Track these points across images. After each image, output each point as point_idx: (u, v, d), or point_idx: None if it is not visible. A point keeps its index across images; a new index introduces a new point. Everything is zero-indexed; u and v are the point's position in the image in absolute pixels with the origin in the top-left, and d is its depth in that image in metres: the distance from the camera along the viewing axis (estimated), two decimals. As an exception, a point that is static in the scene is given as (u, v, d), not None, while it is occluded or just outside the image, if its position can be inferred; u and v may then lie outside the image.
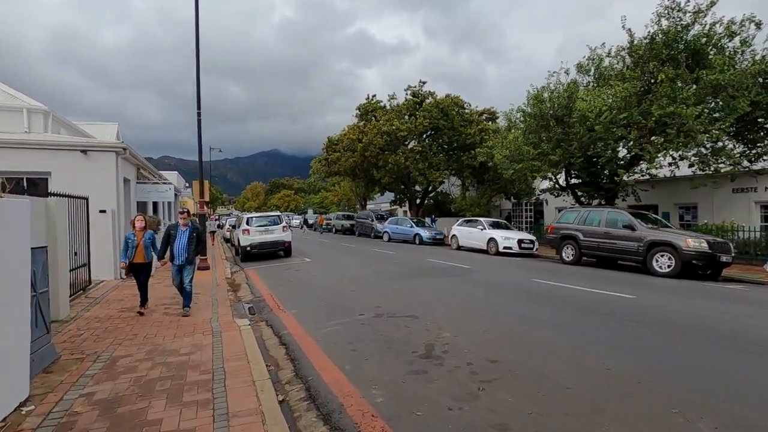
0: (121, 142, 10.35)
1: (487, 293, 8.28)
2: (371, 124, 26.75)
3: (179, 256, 7.03)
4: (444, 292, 8.33)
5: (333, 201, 60.69)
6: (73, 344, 5.28)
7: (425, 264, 12.95)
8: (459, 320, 6.18)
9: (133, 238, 6.91)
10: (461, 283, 9.48)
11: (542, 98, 17.96)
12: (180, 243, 7.04)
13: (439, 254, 16.13)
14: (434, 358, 4.59)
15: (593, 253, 12.85)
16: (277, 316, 6.97)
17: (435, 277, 10.31)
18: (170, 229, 7.18)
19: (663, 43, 14.51)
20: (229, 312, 7.45)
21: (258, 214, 17.21)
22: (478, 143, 25.31)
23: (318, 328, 6.05)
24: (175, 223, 7.32)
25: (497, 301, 7.59)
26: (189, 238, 7.08)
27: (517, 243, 16.14)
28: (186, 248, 7.05)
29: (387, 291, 8.62)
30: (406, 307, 7.09)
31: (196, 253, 7.33)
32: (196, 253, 7.31)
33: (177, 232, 7.10)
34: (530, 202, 27.41)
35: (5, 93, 12.33)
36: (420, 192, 30.54)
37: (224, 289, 9.87)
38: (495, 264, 13.14)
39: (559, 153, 16.77)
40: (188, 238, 7.08)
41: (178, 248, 7.02)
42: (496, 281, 9.68)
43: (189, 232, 7.11)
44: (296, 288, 9.53)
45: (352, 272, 11.51)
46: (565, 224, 13.94)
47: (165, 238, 7.11)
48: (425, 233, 20.94)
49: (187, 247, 7.06)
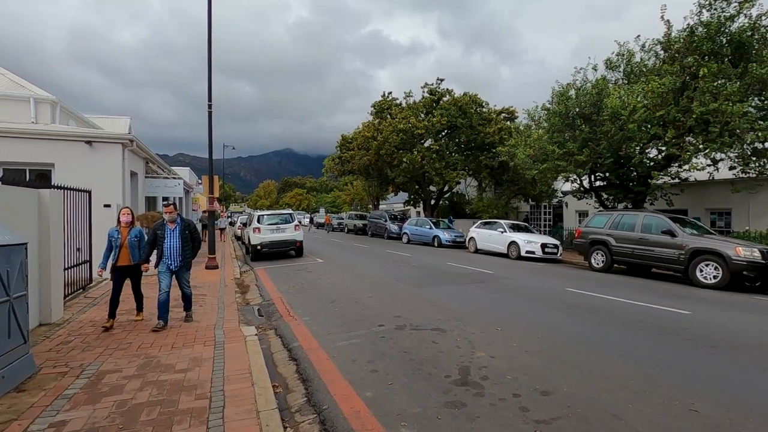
0: (128, 134, 9.83)
1: (519, 303, 7.50)
2: (387, 122, 26.04)
3: (170, 260, 5.88)
4: (471, 301, 7.57)
5: (345, 200, 60.18)
6: (58, 354, 4.68)
7: (445, 268, 12.19)
8: (493, 336, 5.43)
9: (116, 235, 5.79)
10: (488, 290, 8.71)
11: (568, 95, 17.07)
12: (170, 245, 5.89)
13: (458, 258, 15.34)
14: (472, 386, 3.86)
15: (626, 260, 11.92)
16: (287, 324, 6.31)
17: (458, 283, 9.55)
18: (156, 229, 5.93)
19: (704, 35, 13.50)
20: (236, 317, 6.83)
21: (269, 212, 16.65)
22: (498, 143, 24.45)
23: (333, 340, 5.36)
24: (161, 220, 6.05)
25: (532, 313, 6.80)
26: (181, 238, 5.95)
27: (541, 247, 15.26)
28: (179, 251, 5.92)
29: (407, 298, 7.90)
30: (431, 317, 6.36)
31: (194, 254, 6.23)
32: (193, 255, 6.22)
33: (165, 231, 5.91)
34: (549, 205, 26.42)
35: (13, 82, 11.95)
36: (435, 192, 29.72)
37: (232, 290, 9.28)
38: (519, 270, 12.30)
39: (586, 153, 15.83)
40: (180, 237, 5.94)
41: (169, 252, 5.89)
42: (526, 289, 8.88)
43: (179, 230, 5.96)
44: (308, 291, 8.87)
45: (368, 276, 10.81)
46: (594, 229, 13.03)
47: (150, 240, 5.90)
48: (445, 235, 20.12)
49: (180, 250, 5.93)
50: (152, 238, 5.90)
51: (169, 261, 5.91)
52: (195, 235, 6.23)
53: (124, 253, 5.82)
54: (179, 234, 5.96)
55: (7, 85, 11.77)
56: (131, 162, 10.91)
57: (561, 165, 16.45)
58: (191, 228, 6.14)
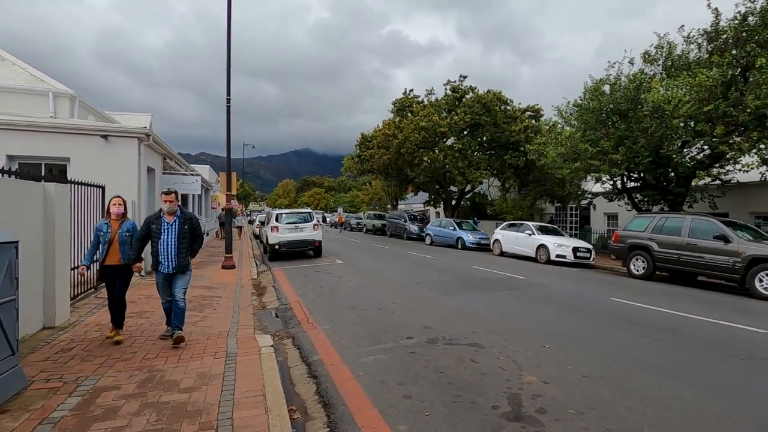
0: (144, 128, 9.48)
1: (562, 315, 6.75)
2: (408, 120, 25.38)
3: (166, 261, 4.86)
4: (507, 312, 6.87)
5: (363, 200, 59.77)
6: (55, 363, 4.23)
7: (472, 272, 11.47)
8: (541, 355, 4.73)
9: (105, 229, 4.89)
10: (524, 299, 7.97)
11: (602, 91, 16.09)
12: (166, 242, 4.85)
13: (484, 261, 14.57)
14: (528, 422, 3.20)
15: (670, 267, 10.96)
16: (305, 333, 5.75)
17: (490, 290, 8.83)
18: (149, 222, 4.91)
19: (759, 23, 12.39)
20: (251, 323, 6.32)
21: (288, 211, 16.22)
22: (524, 141, 23.50)
23: (357, 354, 4.76)
24: (157, 212, 5.00)
25: (579, 327, 6.06)
26: (179, 234, 4.89)
27: (572, 251, 14.35)
28: (175, 249, 4.86)
29: (436, 306, 7.24)
30: (465, 330, 5.70)
31: (194, 254, 5.18)
32: (193, 255, 5.16)
33: (161, 226, 4.86)
34: (577, 207, 25.27)
35: (33, 77, 11.83)
36: (456, 193, 28.89)
37: (248, 292, 8.81)
38: (552, 275, 11.48)
39: (621, 152, 14.84)
40: (178, 233, 4.88)
41: (163, 250, 4.85)
42: (566, 298, 8.10)
43: (178, 224, 4.90)
44: (328, 295, 8.32)
45: (391, 279, 10.20)
46: (634, 232, 12.08)
47: (142, 235, 4.93)
48: (469, 237, 19.32)
49: (176, 248, 4.86)
50: (144, 233, 4.92)
51: (164, 263, 4.89)
52: (197, 231, 5.16)
53: (114, 250, 4.91)
54: (177, 229, 4.91)
55: (28, 80, 11.65)
56: (148, 157, 10.60)
57: (594, 164, 15.50)
58: (192, 223, 5.07)
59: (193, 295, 8.10)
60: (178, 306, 5.00)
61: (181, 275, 5.02)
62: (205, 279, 10.07)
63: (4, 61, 12.16)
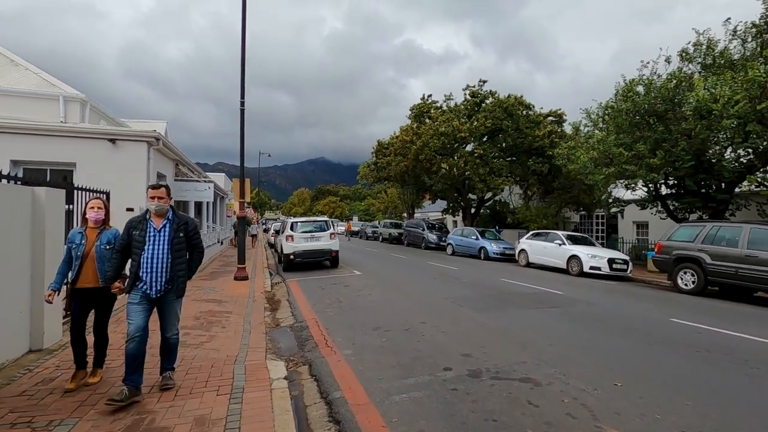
0: (153, 131, 8.96)
1: (620, 340, 5.81)
2: (427, 125, 24.67)
3: (153, 281, 3.54)
4: (555, 335, 5.97)
5: (379, 208, 59.12)
6: (30, 400, 3.54)
7: (502, 286, 10.55)
8: (615, 396, 3.84)
9: (79, 240, 3.76)
10: (569, 319, 7.04)
11: (636, 91, 15.09)
12: (153, 254, 3.55)
13: (512, 273, 13.61)
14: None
15: (724, 282, 9.85)
16: (324, 360, 4.97)
17: (527, 307, 7.93)
18: (131, 227, 3.62)
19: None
20: (263, 344, 5.59)
21: (303, 219, 15.58)
22: (548, 147, 22.51)
23: (386, 391, 3.96)
24: (143, 213, 3.75)
25: (648, 356, 5.11)
26: (171, 244, 3.61)
27: (608, 263, 13.29)
28: (166, 264, 3.58)
29: (471, 326, 6.39)
30: (512, 359, 4.84)
31: (192, 272, 3.91)
32: (191, 273, 3.89)
33: (146, 232, 3.58)
34: (606, 214, 24.04)
35: (45, 81, 11.53)
36: (475, 200, 27.95)
37: (261, 306, 8.11)
38: (591, 290, 10.48)
39: (660, 155, 13.79)
40: (169, 242, 3.61)
41: (148, 265, 3.53)
42: (617, 319, 7.14)
43: (169, 230, 3.63)
44: (347, 312, 7.54)
45: (415, 293, 9.37)
46: (680, 243, 10.99)
47: (122, 245, 3.65)
48: (492, 247, 18.34)
49: (168, 263, 3.59)
50: (124, 243, 3.62)
51: (148, 282, 3.54)
52: (194, 240, 3.84)
53: (90, 267, 3.74)
54: (168, 237, 3.61)
55: (39, 84, 11.37)
56: (158, 163, 10.09)
57: (630, 169, 14.46)
58: (189, 229, 3.78)
59: (201, 310, 7.45)
60: (169, 342, 3.85)
61: (174, 301, 3.74)
62: (216, 291, 9.44)
63: (17, 66, 11.94)
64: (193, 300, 8.35)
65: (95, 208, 3.89)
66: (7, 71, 11.73)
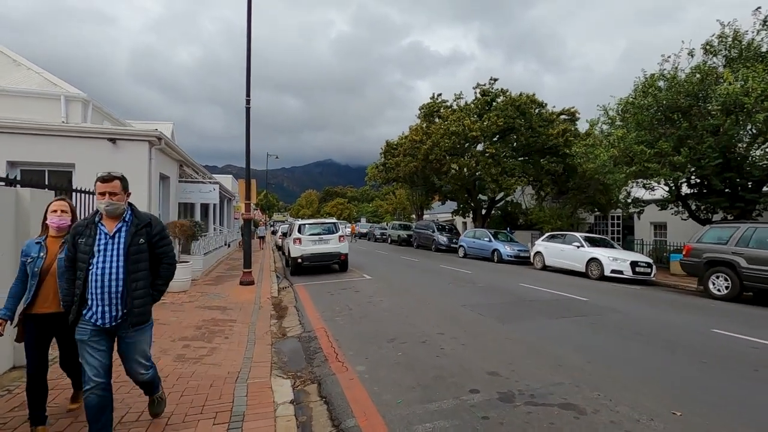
0: (155, 130, 8.58)
1: (664, 355, 5.22)
2: (436, 125, 24.13)
3: (105, 305, 2.64)
4: (590, 349, 5.41)
5: (387, 210, 58.62)
6: (2, 429, 3.10)
7: (522, 291, 9.98)
8: (676, 426, 3.28)
9: (37, 252, 2.98)
10: (602, 330, 6.45)
11: (657, 86, 14.45)
12: (103, 268, 2.65)
13: (529, 277, 13.01)
14: None
15: (763, 287, 9.18)
16: (335, 377, 4.48)
17: (552, 315, 7.36)
18: (76, 235, 2.73)
19: None
20: (268, 357, 5.14)
21: (311, 221, 15.15)
22: (562, 146, 21.85)
23: (407, 419, 3.45)
24: (91, 215, 2.82)
25: (702, 375, 4.52)
26: (127, 254, 2.69)
27: (630, 266, 12.63)
28: (121, 282, 2.67)
29: (495, 339, 5.85)
30: (546, 378, 4.30)
31: (155, 295, 2.91)
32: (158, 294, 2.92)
33: (95, 239, 2.68)
34: (623, 215, 23.27)
35: (47, 81, 11.25)
36: (486, 201, 27.32)
37: (267, 314, 7.67)
38: (619, 296, 9.87)
39: (684, 153, 13.13)
40: (124, 252, 2.69)
41: (97, 284, 2.63)
42: (653, 329, 6.54)
43: (125, 235, 2.72)
44: (358, 321, 7.06)
45: (430, 300, 8.85)
46: (711, 245, 10.33)
47: (68, 257, 2.76)
48: (506, 249, 17.72)
49: (122, 281, 2.67)
50: (71, 255, 2.72)
51: (94, 309, 2.64)
52: (162, 246, 2.89)
53: (50, 287, 2.95)
54: (123, 245, 2.69)
55: (41, 84, 11.08)
56: (162, 164, 9.72)
57: (652, 168, 13.80)
58: (154, 231, 2.85)
59: (204, 318, 7.01)
60: (142, 381, 2.99)
61: (137, 334, 2.77)
62: (221, 297, 9.02)
63: (19, 66, 11.69)
64: (197, 307, 7.94)
65: (58, 212, 3.10)
66: (8, 71, 11.48)
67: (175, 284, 9.29)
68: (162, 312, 7.29)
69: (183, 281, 9.38)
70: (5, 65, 11.61)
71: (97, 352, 2.63)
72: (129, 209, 2.83)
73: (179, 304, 8.11)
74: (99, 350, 2.64)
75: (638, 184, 16.24)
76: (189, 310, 7.64)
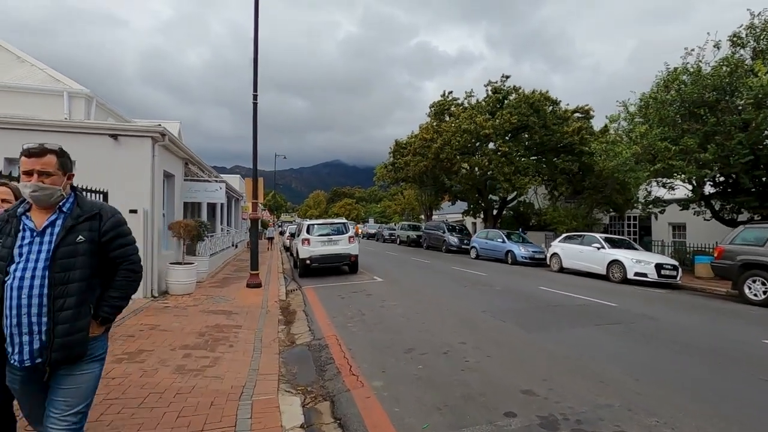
0: (158, 125, 8.20)
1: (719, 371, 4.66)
2: (447, 123, 23.60)
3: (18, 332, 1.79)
4: (633, 362, 4.86)
5: (395, 210, 58.15)
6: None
7: (542, 295, 9.44)
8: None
9: None
10: (641, 340, 5.88)
11: (682, 80, 13.79)
12: (20, 279, 1.80)
13: (547, 280, 12.44)
14: None
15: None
16: (350, 394, 4.02)
17: (581, 323, 6.81)
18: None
19: None
20: (275, 368, 4.69)
21: (320, 221, 14.73)
22: (577, 144, 21.22)
23: (436, 449, 2.97)
24: (15, 205, 2.00)
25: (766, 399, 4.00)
26: (53, 258, 1.84)
27: (656, 269, 11.99)
28: (44, 300, 1.81)
29: (524, 350, 5.34)
30: (590, 398, 3.78)
31: (108, 313, 2.01)
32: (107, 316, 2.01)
33: (15, 238, 1.86)
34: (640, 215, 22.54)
35: (50, 77, 10.97)
36: (497, 201, 26.72)
37: (275, 319, 7.23)
38: (647, 300, 9.28)
39: (711, 150, 12.47)
40: (50, 256, 1.84)
41: (13, 301, 1.78)
42: (698, 340, 5.97)
43: (59, 232, 1.89)
44: (372, 328, 6.58)
45: (447, 305, 8.35)
46: (747, 247, 9.69)
47: None
48: (520, 250, 17.12)
49: (46, 298, 1.81)
50: None
51: (16, 338, 1.81)
52: (117, 247, 2.05)
53: None
54: (50, 245, 1.88)
55: (44, 80, 10.82)
56: (165, 161, 9.36)
57: (677, 165, 13.16)
58: (106, 226, 2.01)
59: (207, 324, 6.59)
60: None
61: (68, 375, 1.90)
62: (226, 301, 8.61)
63: (23, 62, 11.44)
64: (201, 311, 7.53)
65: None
66: (12, 67, 11.23)
67: (179, 287, 8.92)
68: (164, 317, 6.90)
69: (187, 283, 9.01)
70: (9, 62, 11.37)
71: (27, 397, 1.93)
72: (71, 197, 2.01)
73: (182, 308, 7.72)
74: (29, 395, 1.92)
75: (658, 183, 15.61)
76: (192, 315, 7.23)
